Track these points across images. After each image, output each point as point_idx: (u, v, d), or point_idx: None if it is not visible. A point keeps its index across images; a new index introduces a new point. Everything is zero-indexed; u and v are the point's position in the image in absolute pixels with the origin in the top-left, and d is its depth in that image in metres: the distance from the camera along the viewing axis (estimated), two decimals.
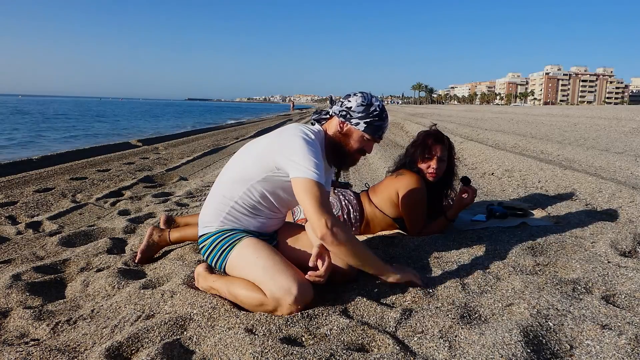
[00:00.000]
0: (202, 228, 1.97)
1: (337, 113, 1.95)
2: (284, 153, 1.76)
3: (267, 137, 1.91)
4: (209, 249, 1.92)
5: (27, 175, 5.65)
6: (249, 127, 18.95)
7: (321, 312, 1.68)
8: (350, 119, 1.91)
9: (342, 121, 1.93)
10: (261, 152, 1.85)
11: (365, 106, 1.90)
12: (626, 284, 1.86)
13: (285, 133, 1.84)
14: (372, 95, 1.95)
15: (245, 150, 1.96)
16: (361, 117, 1.90)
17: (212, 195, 1.98)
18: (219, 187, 1.96)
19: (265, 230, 1.99)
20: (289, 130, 1.85)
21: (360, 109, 1.90)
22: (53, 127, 22.05)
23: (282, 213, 2.03)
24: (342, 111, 1.93)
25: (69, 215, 3.65)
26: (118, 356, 1.49)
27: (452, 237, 2.58)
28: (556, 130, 10.84)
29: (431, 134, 2.64)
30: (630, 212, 2.99)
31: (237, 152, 2.01)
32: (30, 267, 2.32)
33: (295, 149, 1.74)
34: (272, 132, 1.93)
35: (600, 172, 4.69)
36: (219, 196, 1.93)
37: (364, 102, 1.91)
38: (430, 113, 26.36)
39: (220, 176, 1.99)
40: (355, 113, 1.90)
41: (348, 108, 1.91)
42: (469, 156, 6.50)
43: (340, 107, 1.94)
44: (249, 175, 1.86)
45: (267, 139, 1.89)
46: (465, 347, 1.43)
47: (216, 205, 1.93)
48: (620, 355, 1.33)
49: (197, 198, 4.23)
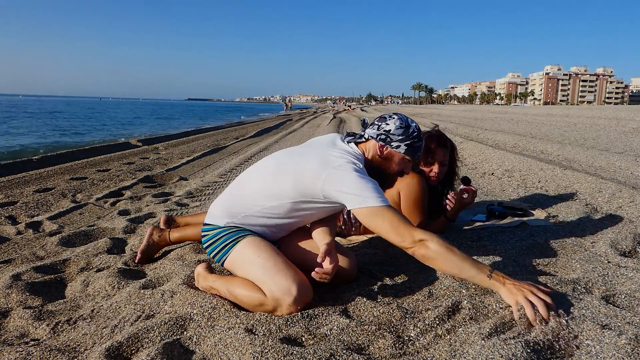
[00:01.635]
0: (211, 217, 1.95)
1: (374, 137, 1.90)
2: (338, 186, 1.70)
3: (309, 159, 1.81)
4: (211, 240, 1.92)
5: (27, 175, 5.64)
6: (249, 127, 18.94)
7: (321, 312, 1.68)
8: (391, 142, 1.88)
9: (382, 145, 1.89)
10: (304, 177, 1.77)
11: (404, 128, 1.88)
12: (626, 284, 1.86)
13: (333, 162, 1.75)
14: (406, 116, 1.94)
15: (281, 165, 1.86)
16: (402, 139, 1.87)
17: (230, 194, 1.95)
18: (241, 190, 1.92)
19: (272, 237, 1.97)
20: (336, 158, 1.77)
21: (400, 132, 1.87)
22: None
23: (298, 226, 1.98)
24: (380, 135, 1.88)
25: (69, 215, 3.65)
26: (118, 356, 1.49)
27: (452, 237, 2.58)
28: (556, 130, 10.84)
29: (434, 137, 2.63)
30: (630, 212, 2.99)
31: (267, 161, 1.93)
32: (30, 267, 2.32)
33: (351, 182, 1.69)
34: (315, 152, 1.83)
35: (600, 172, 4.69)
36: (239, 198, 1.90)
37: (402, 124, 1.88)
38: (430, 113, 26.37)
39: (244, 179, 1.94)
40: (395, 136, 1.87)
41: (387, 131, 1.88)
42: (469, 156, 6.50)
43: (377, 131, 1.89)
44: (285, 193, 1.81)
45: (310, 164, 1.78)
46: (465, 347, 1.43)
47: (232, 205, 1.91)
48: (620, 355, 1.33)
49: (197, 198, 4.23)
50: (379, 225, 1.67)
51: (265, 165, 1.93)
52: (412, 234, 1.65)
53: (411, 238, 1.65)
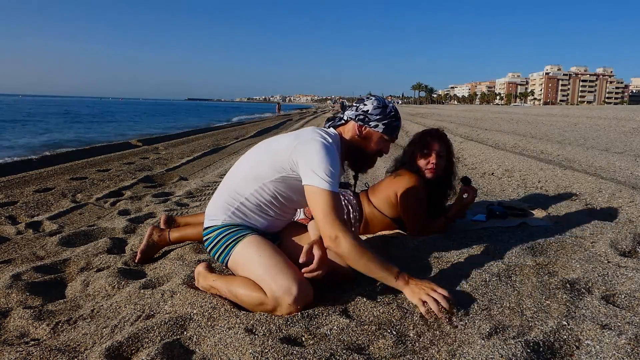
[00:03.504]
0: (208, 221, 1.98)
1: (353, 117, 1.96)
2: (302, 156, 1.77)
3: (284, 137, 1.92)
4: (214, 242, 1.92)
5: (27, 175, 5.65)
6: (249, 127, 18.94)
7: (321, 312, 1.68)
8: (369, 122, 1.94)
9: (361, 125, 1.95)
10: (278, 152, 1.86)
11: (381, 108, 1.94)
12: (626, 284, 1.86)
13: (303, 136, 1.84)
14: (383, 98, 2.02)
15: (260, 148, 1.97)
16: (379, 119, 1.94)
17: (221, 189, 1.99)
18: (230, 182, 1.96)
19: (271, 230, 2.00)
20: (307, 133, 1.86)
21: (377, 111, 1.94)
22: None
23: (290, 214, 2.04)
24: (359, 115, 1.95)
25: (69, 215, 3.65)
26: (118, 356, 1.49)
27: (452, 237, 2.58)
28: (556, 130, 10.84)
29: (429, 131, 2.65)
30: (630, 212, 2.99)
31: (251, 149, 2.02)
32: (30, 267, 2.32)
33: (312, 155, 1.74)
34: (290, 133, 1.94)
35: (600, 172, 4.69)
36: (230, 191, 1.94)
37: (379, 104, 1.95)
38: (430, 113, 26.38)
39: (232, 172, 2.00)
40: (373, 116, 1.94)
41: (365, 112, 1.94)
42: (469, 156, 6.50)
43: (356, 112, 1.96)
44: (263, 173, 1.87)
45: (285, 140, 1.89)
46: (465, 347, 1.43)
47: (225, 199, 1.94)
48: (620, 355, 1.34)
49: (197, 198, 4.23)
50: (314, 207, 1.72)
51: (247, 155, 2.00)
52: (332, 228, 1.68)
53: (329, 232, 1.68)
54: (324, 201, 1.69)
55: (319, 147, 1.75)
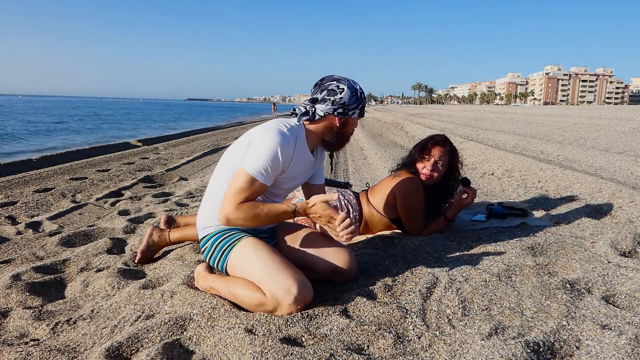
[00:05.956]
0: (201, 230, 1.98)
1: (332, 112, 1.92)
2: (253, 142, 1.84)
3: (247, 133, 1.94)
4: (210, 250, 1.92)
5: (27, 175, 5.65)
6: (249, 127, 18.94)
7: (321, 312, 1.68)
8: (348, 112, 1.94)
9: (341, 118, 1.94)
10: (241, 147, 1.89)
11: (355, 96, 1.94)
12: (626, 284, 1.86)
13: (265, 126, 1.89)
14: (347, 79, 1.96)
15: (231, 148, 1.97)
16: (356, 106, 1.95)
17: (207, 195, 1.99)
18: (212, 187, 1.96)
19: (262, 227, 1.99)
20: (267, 123, 1.92)
21: (353, 100, 1.93)
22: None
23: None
24: (337, 109, 1.92)
25: (69, 215, 3.65)
26: (118, 356, 1.49)
27: (452, 237, 2.58)
28: (556, 130, 10.84)
29: (433, 137, 2.64)
30: (630, 212, 2.99)
31: (228, 149, 2.02)
32: (30, 267, 2.32)
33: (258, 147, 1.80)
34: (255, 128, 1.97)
35: (600, 172, 4.69)
36: (213, 195, 1.94)
37: (352, 92, 1.93)
38: (430, 113, 26.38)
39: (212, 177, 2.00)
40: (351, 105, 1.93)
41: (342, 104, 1.91)
42: (469, 156, 6.50)
43: (333, 106, 1.90)
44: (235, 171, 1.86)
45: (247, 135, 1.92)
46: (465, 347, 1.43)
47: (211, 205, 1.94)
48: (620, 355, 1.34)
49: (197, 198, 4.23)
50: (231, 184, 1.81)
51: (222, 158, 2.03)
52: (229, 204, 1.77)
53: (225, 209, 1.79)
54: (239, 182, 1.78)
55: (272, 141, 1.80)
